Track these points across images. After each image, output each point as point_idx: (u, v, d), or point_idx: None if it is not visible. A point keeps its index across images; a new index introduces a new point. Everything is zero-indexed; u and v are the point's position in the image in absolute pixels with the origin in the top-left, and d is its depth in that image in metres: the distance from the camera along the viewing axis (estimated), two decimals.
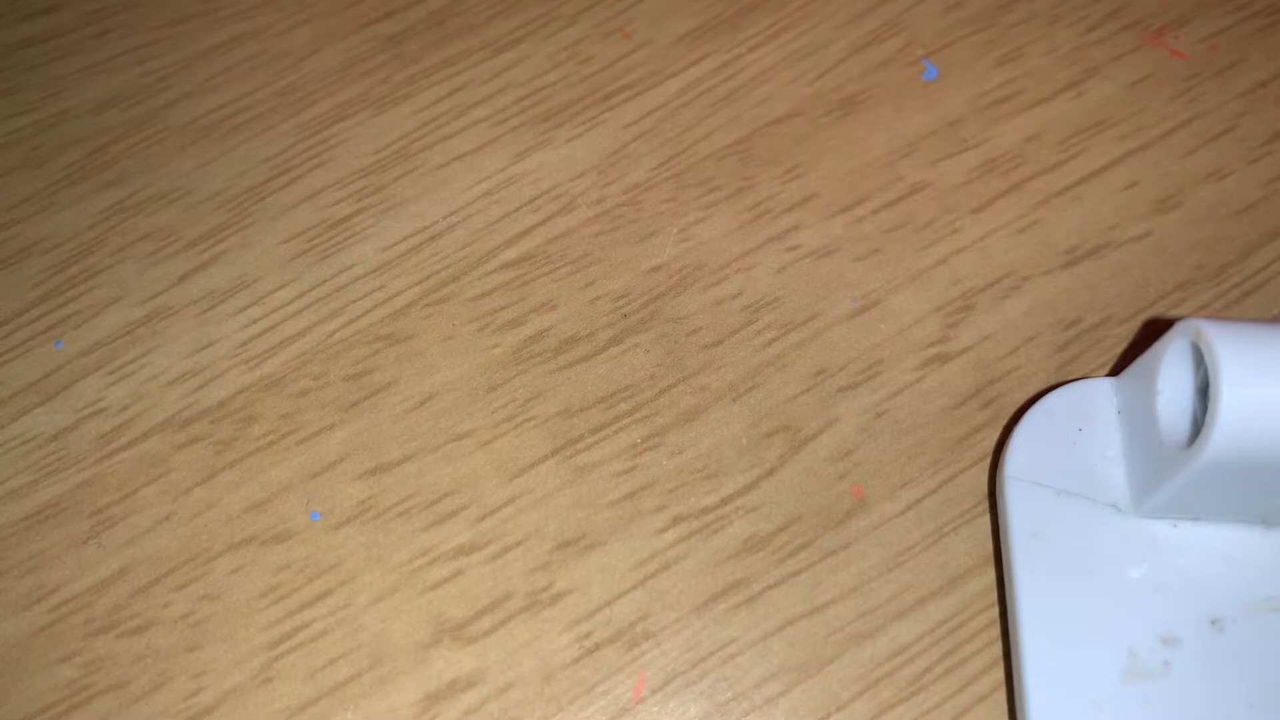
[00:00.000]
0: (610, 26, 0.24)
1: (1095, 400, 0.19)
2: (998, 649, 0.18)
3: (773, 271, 0.21)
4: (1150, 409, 0.18)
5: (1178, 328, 0.17)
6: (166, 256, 0.22)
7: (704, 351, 0.21)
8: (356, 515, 0.20)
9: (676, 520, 0.20)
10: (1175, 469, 0.17)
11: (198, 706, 0.19)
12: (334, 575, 0.19)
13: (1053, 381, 0.20)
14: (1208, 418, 0.16)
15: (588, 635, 0.19)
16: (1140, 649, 0.17)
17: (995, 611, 0.19)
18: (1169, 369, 0.17)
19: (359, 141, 0.23)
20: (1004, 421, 0.20)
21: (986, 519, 0.19)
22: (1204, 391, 0.17)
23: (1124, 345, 0.21)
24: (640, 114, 0.23)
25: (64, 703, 0.19)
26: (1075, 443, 0.18)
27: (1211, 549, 0.18)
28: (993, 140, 0.22)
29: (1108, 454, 0.18)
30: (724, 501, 0.20)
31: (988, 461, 0.20)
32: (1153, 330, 0.21)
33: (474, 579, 0.19)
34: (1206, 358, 0.16)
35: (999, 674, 0.18)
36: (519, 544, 0.19)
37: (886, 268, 0.21)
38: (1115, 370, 0.20)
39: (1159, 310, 0.21)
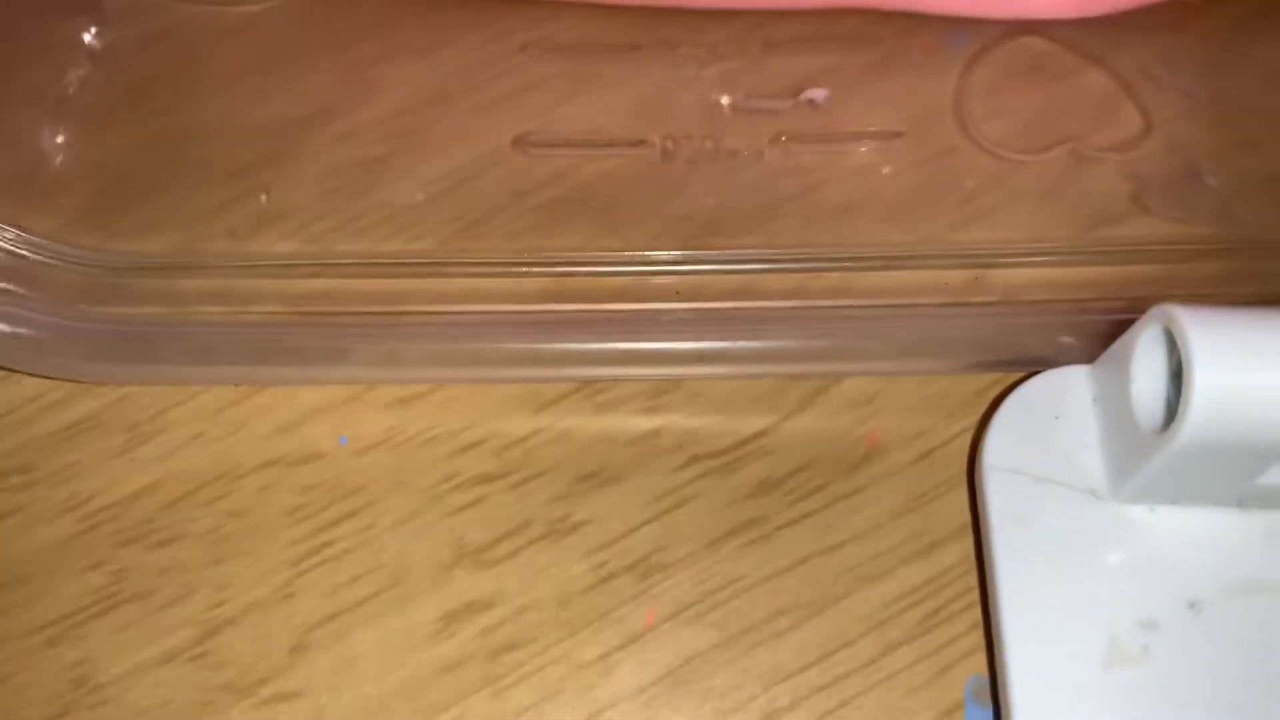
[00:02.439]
0: None
1: (1071, 387, 0.19)
2: None
3: (800, 223, 0.22)
4: (1125, 395, 0.18)
5: (1150, 313, 0.17)
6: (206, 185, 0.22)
7: None
8: (383, 441, 0.20)
9: (693, 460, 0.20)
10: (1150, 454, 0.17)
11: (220, 618, 0.19)
12: (359, 497, 0.20)
13: (1069, 342, 0.21)
14: (1181, 403, 0.16)
15: (603, 564, 0.19)
16: (1120, 633, 0.17)
17: None
18: (1142, 355, 0.18)
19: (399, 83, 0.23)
20: (1017, 378, 0.20)
21: None
22: (1178, 376, 0.17)
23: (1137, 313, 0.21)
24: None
25: (93, 607, 0.19)
26: (1052, 430, 0.19)
27: (1188, 533, 0.18)
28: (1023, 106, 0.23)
29: (1085, 440, 0.19)
30: (740, 444, 0.20)
31: None
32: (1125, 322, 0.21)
33: (495, 506, 0.20)
34: (1179, 343, 0.16)
35: None
36: (540, 475, 0.20)
37: (915, 222, 0.22)
38: (1091, 357, 0.20)
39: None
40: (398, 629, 0.19)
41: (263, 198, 0.21)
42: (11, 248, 0.20)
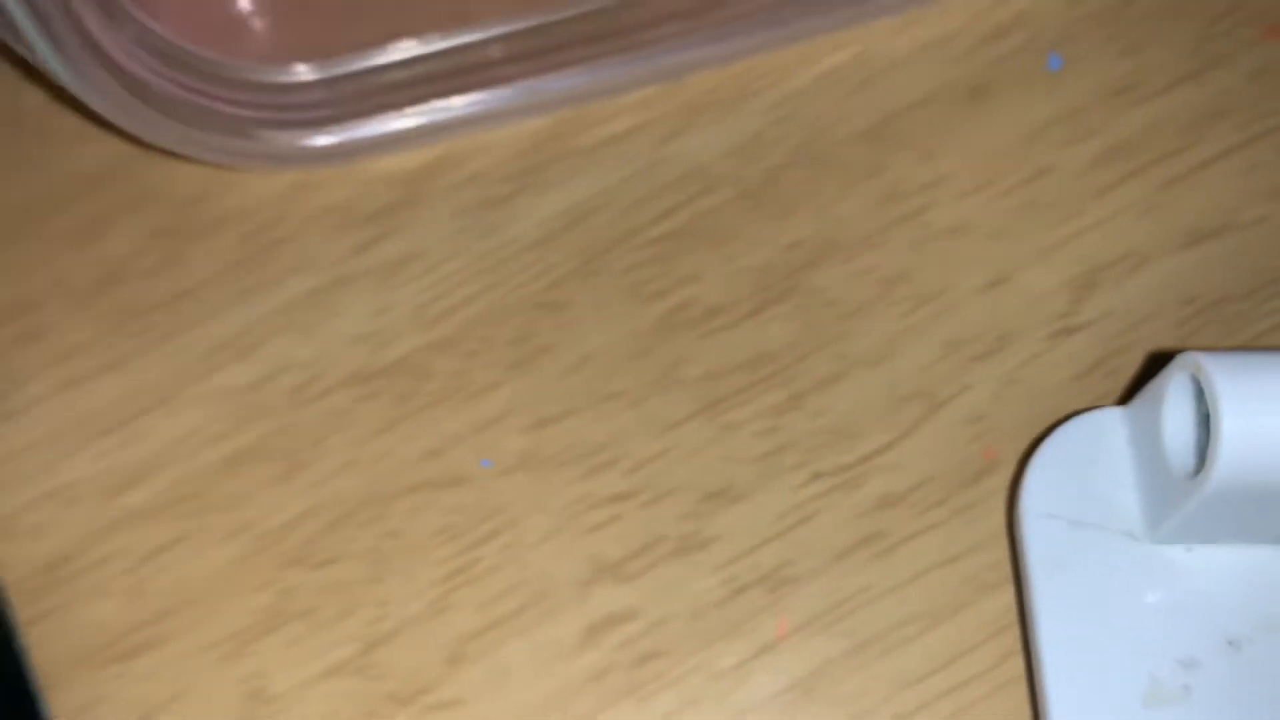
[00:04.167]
0: None
1: (1106, 430, 0.20)
2: None
3: (907, 248, 0.23)
4: (1157, 439, 0.18)
5: (1177, 361, 0.18)
6: (345, 229, 0.24)
7: (841, 321, 0.22)
8: (521, 464, 0.22)
9: (816, 476, 0.21)
10: (1184, 497, 0.18)
11: (380, 632, 0.21)
12: (502, 517, 0.21)
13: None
14: (1209, 449, 0.17)
15: (734, 578, 0.20)
16: (1161, 673, 0.18)
17: None
18: (1172, 401, 0.18)
19: (515, 128, 0.25)
20: (1123, 391, 0.21)
21: None
22: (1208, 420, 0.17)
23: (1242, 322, 0.22)
24: (779, 100, 0.24)
25: (261, 625, 0.21)
26: (1088, 473, 0.19)
27: (1226, 571, 0.19)
28: (1115, 128, 0.24)
29: (1120, 483, 0.19)
30: (862, 460, 0.21)
31: None
32: (1156, 362, 0.21)
33: (629, 524, 0.21)
34: (1206, 391, 0.17)
35: None
36: (669, 494, 0.21)
37: (1015, 245, 0.22)
38: (1124, 399, 0.21)
39: (1274, 291, 0.22)
40: (545, 640, 0.20)
41: None
42: None
